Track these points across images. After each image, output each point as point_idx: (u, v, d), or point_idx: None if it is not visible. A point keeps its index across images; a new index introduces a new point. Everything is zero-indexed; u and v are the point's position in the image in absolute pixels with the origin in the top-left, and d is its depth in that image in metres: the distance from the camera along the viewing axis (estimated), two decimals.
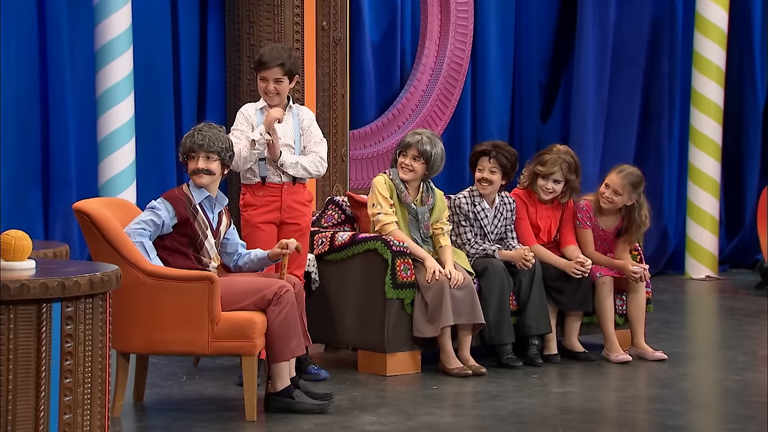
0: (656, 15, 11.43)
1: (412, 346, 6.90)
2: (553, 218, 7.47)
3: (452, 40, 10.55)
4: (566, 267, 7.26)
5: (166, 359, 7.05)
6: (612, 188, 7.38)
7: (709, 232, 10.99)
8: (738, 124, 11.64)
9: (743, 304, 9.63)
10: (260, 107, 6.60)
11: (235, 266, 6.18)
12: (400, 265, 6.79)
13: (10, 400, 4.42)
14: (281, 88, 6.52)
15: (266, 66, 6.49)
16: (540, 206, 7.44)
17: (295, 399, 5.88)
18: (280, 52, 6.51)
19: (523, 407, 6.11)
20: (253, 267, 6.20)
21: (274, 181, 6.53)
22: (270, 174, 6.52)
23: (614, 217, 7.48)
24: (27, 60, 8.60)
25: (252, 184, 6.54)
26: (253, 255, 6.16)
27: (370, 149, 10.16)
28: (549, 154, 7.41)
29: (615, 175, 7.40)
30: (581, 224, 7.45)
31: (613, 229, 7.49)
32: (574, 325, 7.37)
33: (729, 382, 6.82)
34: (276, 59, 6.48)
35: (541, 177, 7.38)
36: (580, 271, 7.22)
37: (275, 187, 6.52)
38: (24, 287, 4.39)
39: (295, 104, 6.68)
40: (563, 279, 7.28)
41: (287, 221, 6.56)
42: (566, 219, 7.49)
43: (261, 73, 6.52)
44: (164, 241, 5.87)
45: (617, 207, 7.41)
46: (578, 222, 7.46)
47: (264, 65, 6.50)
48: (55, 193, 8.73)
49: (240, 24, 9.01)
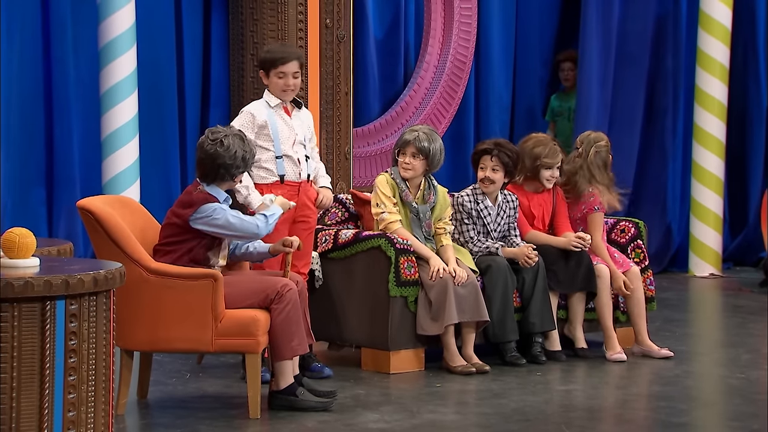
0: (660, 12, 11.42)
1: (416, 344, 6.91)
2: (545, 204, 7.48)
3: (456, 38, 10.54)
4: (565, 244, 7.27)
5: (170, 357, 7.06)
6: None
7: (712, 230, 10.98)
8: (742, 122, 11.63)
9: (747, 302, 9.62)
10: (274, 105, 6.57)
11: (232, 256, 6.16)
12: (404, 263, 6.79)
13: (15, 397, 4.42)
14: (298, 82, 6.55)
15: (285, 60, 6.50)
16: (531, 195, 7.46)
17: (298, 397, 5.89)
18: (292, 47, 6.59)
19: (527, 405, 6.11)
20: (251, 259, 6.20)
21: (292, 179, 6.52)
22: (290, 171, 6.51)
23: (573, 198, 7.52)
24: (30, 58, 8.60)
25: (269, 183, 6.50)
26: (252, 248, 6.15)
27: (373, 147, 10.16)
28: (541, 146, 7.42)
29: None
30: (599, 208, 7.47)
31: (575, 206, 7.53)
32: (578, 313, 7.33)
33: (732, 379, 6.81)
34: (293, 53, 6.56)
35: (545, 168, 7.40)
36: (581, 244, 7.22)
37: (294, 185, 6.53)
38: (28, 285, 4.40)
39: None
40: (562, 260, 7.27)
41: (299, 219, 6.56)
42: (559, 204, 7.51)
43: (279, 69, 6.50)
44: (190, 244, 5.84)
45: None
46: (596, 207, 7.46)
47: (282, 60, 6.50)
48: (59, 191, 8.73)
49: (244, 22, 9.02)
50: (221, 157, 5.84)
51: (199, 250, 5.85)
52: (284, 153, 6.51)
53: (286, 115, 6.59)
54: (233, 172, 5.90)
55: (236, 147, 5.86)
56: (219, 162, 5.85)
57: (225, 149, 5.84)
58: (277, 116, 6.56)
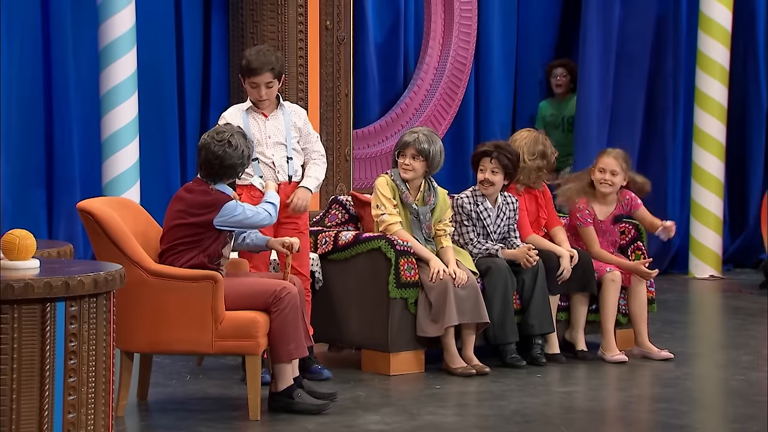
0: (660, 14, 11.41)
1: (416, 346, 6.90)
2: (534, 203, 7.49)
3: (456, 40, 10.54)
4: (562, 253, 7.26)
5: (170, 358, 7.06)
6: (609, 170, 7.40)
7: (712, 232, 10.98)
8: (742, 124, 11.63)
9: (747, 304, 9.62)
10: (246, 108, 6.55)
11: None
12: (404, 265, 6.79)
13: (15, 399, 4.42)
14: (271, 92, 6.49)
15: (257, 72, 6.40)
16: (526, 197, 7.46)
17: (294, 399, 5.88)
18: (267, 56, 6.41)
19: (527, 407, 6.11)
20: (247, 249, 6.22)
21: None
22: (266, 174, 6.50)
23: (609, 206, 7.49)
24: (31, 59, 8.60)
25: (247, 185, 6.50)
26: (249, 239, 6.15)
27: (373, 148, 10.16)
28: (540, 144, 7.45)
29: (606, 157, 7.43)
30: (582, 223, 7.45)
31: (609, 216, 7.49)
32: (580, 317, 7.34)
33: (733, 381, 6.81)
34: (266, 64, 6.39)
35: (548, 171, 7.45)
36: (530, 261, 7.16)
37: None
38: (28, 286, 4.40)
39: (285, 102, 6.67)
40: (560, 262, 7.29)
41: (284, 221, 6.54)
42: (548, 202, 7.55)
43: (251, 80, 6.44)
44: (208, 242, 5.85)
45: (617, 188, 7.43)
46: (579, 222, 7.46)
47: (254, 72, 6.41)
48: (59, 193, 8.73)
49: (244, 23, 9.02)
50: (231, 158, 5.85)
51: (216, 248, 5.87)
52: (258, 154, 6.48)
53: (262, 117, 6.56)
54: (239, 171, 5.94)
55: (243, 146, 5.89)
56: (228, 163, 5.86)
57: (234, 149, 5.86)
58: (250, 118, 6.52)
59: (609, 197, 7.46)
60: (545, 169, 7.48)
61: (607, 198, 7.46)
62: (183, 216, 5.86)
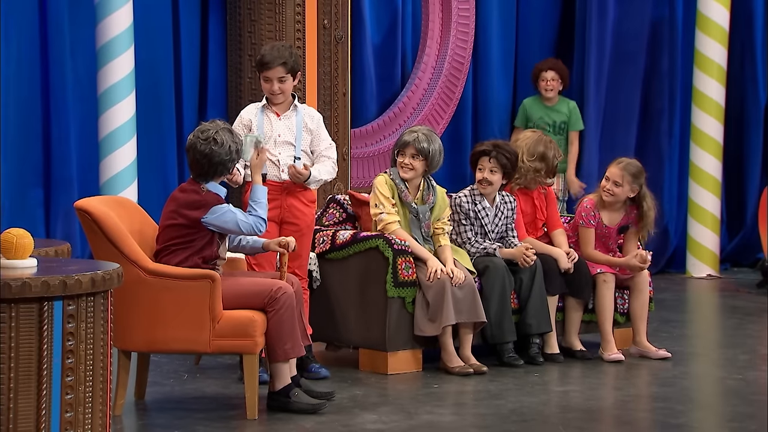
0: (657, 13, 11.43)
1: (414, 345, 6.90)
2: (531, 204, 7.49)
3: (453, 39, 10.54)
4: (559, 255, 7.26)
5: (168, 357, 7.06)
6: (612, 180, 7.40)
7: (710, 231, 10.99)
8: (739, 123, 11.64)
9: (744, 303, 9.63)
10: (261, 106, 6.60)
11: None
12: (402, 264, 6.79)
13: (12, 398, 4.42)
14: (285, 87, 6.52)
15: (269, 66, 6.47)
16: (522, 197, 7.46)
17: (291, 398, 5.87)
18: (281, 51, 6.49)
19: (524, 406, 6.11)
20: (244, 252, 6.22)
21: (274, 179, 6.52)
22: (270, 172, 6.51)
23: (618, 213, 7.48)
24: (28, 58, 8.60)
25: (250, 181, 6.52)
26: (245, 242, 6.15)
27: (371, 148, 10.16)
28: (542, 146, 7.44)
29: (614, 167, 7.44)
30: (585, 223, 7.45)
31: (616, 225, 7.49)
32: (574, 322, 7.37)
33: (730, 380, 6.82)
34: (278, 58, 6.47)
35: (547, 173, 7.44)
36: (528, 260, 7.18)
37: (275, 185, 6.51)
38: (25, 285, 4.39)
39: (301, 104, 6.68)
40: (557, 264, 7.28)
41: (287, 220, 6.55)
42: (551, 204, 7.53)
43: (264, 74, 6.51)
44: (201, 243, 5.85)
45: (620, 199, 7.41)
46: (582, 221, 7.46)
47: (266, 65, 6.48)
48: (57, 192, 8.73)
49: (241, 22, 9.02)
50: (217, 155, 5.86)
51: (211, 249, 5.87)
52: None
53: (274, 116, 6.57)
54: (229, 166, 5.94)
55: (228, 141, 5.89)
56: (216, 160, 5.87)
57: (220, 146, 5.86)
58: (264, 116, 6.56)
59: (615, 206, 7.46)
60: (543, 172, 7.47)
61: (614, 206, 7.46)
62: (174, 216, 5.87)
